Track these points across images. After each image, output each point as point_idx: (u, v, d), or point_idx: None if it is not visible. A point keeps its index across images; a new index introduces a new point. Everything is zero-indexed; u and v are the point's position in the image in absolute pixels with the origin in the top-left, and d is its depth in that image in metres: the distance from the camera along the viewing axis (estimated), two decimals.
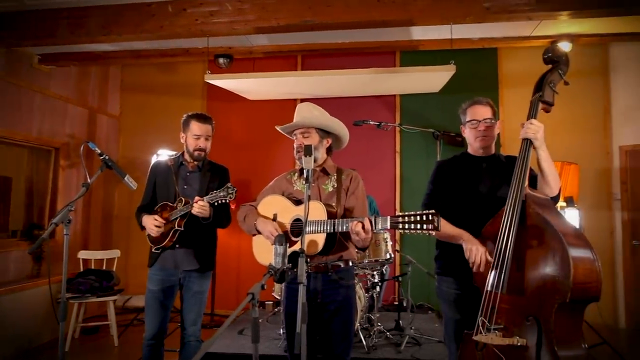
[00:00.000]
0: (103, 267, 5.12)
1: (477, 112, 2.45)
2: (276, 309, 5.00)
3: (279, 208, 2.49)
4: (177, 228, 2.87)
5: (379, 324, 4.26)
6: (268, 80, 5.01)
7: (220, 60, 5.44)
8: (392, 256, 4.28)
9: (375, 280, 4.25)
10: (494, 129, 2.46)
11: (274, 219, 2.47)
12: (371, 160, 5.74)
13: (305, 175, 2.14)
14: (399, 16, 3.90)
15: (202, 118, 3.01)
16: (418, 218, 2.00)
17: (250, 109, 5.99)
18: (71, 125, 5.60)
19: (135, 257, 5.93)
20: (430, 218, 1.97)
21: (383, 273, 4.49)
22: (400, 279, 4.64)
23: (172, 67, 6.30)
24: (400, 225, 2.03)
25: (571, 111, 5.35)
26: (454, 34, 4.33)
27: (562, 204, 4.51)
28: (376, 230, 2.16)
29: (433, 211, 1.98)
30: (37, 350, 4.62)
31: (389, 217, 2.10)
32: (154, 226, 2.88)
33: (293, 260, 1.95)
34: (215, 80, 4.92)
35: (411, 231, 2.00)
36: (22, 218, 5.16)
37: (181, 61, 6.06)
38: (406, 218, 2.02)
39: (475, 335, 2.09)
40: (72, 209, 2.44)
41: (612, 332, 4.95)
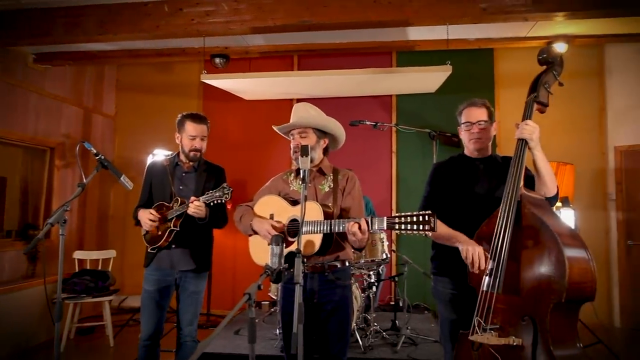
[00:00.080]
0: (98, 267, 5.10)
1: (471, 114, 2.45)
2: (272, 309, 5.00)
3: (275, 208, 2.49)
4: (173, 228, 2.86)
5: (375, 324, 4.26)
6: (264, 80, 5.01)
7: (217, 60, 5.43)
8: (388, 256, 4.28)
9: (371, 280, 4.26)
10: (490, 130, 2.45)
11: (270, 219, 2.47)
12: (367, 160, 5.75)
13: (301, 175, 2.14)
14: (395, 17, 3.91)
15: (197, 118, 3.00)
16: (414, 219, 2.00)
17: (247, 109, 5.98)
18: (66, 125, 5.58)
19: (131, 257, 5.91)
20: (427, 219, 1.97)
21: (379, 273, 4.49)
22: (397, 279, 4.64)
23: (168, 67, 6.28)
24: (397, 226, 2.03)
25: (567, 112, 5.38)
26: (450, 34, 4.35)
27: (558, 204, 4.51)
28: (372, 231, 2.16)
29: (429, 212, 1.98)
30: (33, 350, 4.60)
31: (385, 218, 2.10)
32: (148, 220, 2.87)
33: (290, 261, 1.95)
34: (212, 80, 4.92)
35: (407, 232, 2.01)
36: (16, 218, 5.14)
37: (177, 61, 6.05)
38: (402, 219, 2.03)
39: (471, 335, 2.10)
40: (67, 209, 2.43)
41: (607, 331, 4.97)
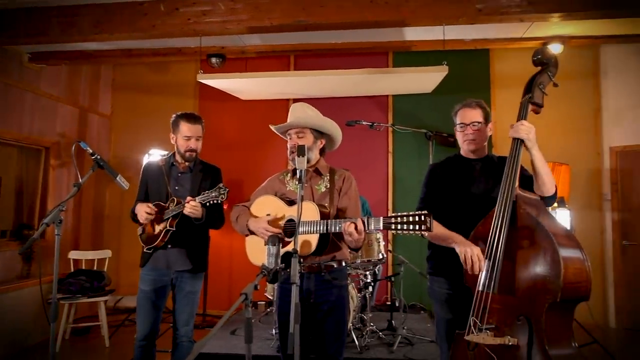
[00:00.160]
0: (94, 267, 5.08)
1: (465, 115, 2.45)
2: (269, 309, 5.00)
3: (271, 208, 2.48)
4: (169, 228, 2.85)
5: (372, 324, 4.26)
6: (261, 80, 5.00)
7: (213, 59, 5.43)
8: (384, 256, 4.29)
9: (367, 281, 4.26)
10: (485, 131, 2.45)
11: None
12: (364, 160, 5.75)
13: (298, 175, 2.14)
14: (391, 17, 3.91)
15: (192, 118, 2.98)
16: (410, 219, 2.00)
17: (243, 108, 5.98)
18: (62, 125, 5.55)
19: (126, 258, 5.89)
20: (423, 219, 1.98)
21: (376, 273, 4.50)
22: (393, 279, 4.66)
23: (164, 67, 6.27)
24: (393, 226, 2.04)
25: (563, 112, 5.40)
26: (447, 35, 4.36)
27: (554, 204, 4.54)
28: (369, 231, 2.16)
29: (425, 212, 1.98)
30: (28, 351, 4.58)
31: (381, 218, 2.10)
32: (145, 213, 2.86)
33: (286, 261, 1.95)
34: (208, 80, 4.91)
35: (404, 232, 2.01)
36: (11, 218, 5.11)
37: (173, 60, 6.04)
38: (399, 219, 2.03)
39: (467, 335, 2.10)
40: (63, 209, 2.42)
41: (602, 331, 5.00)
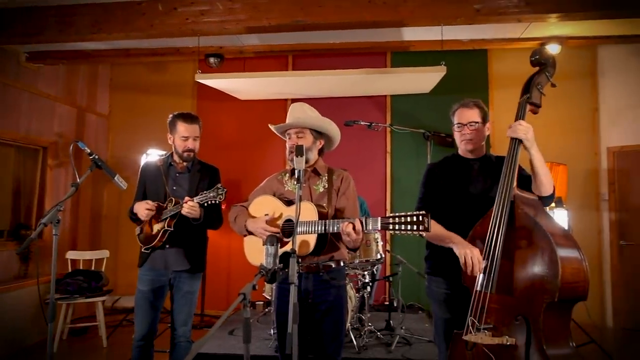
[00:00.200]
0: (92, 267, 5.07)
1: (462, 115, 2.45)
2: (267, 309, 5.00)
3: (270, 209, 2.48)
4: (166, 228, 2.85)
5: (370, 324, 4.27)
6: (259, 80, 5.00)
7: (211, 59, 5.42)
8: (382, 256, 4.29)
9: (366, 281, 4.26)
10: (482, 131, 2.45)
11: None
12: (362, 160, 5.76)
13: (296, 175, 2.14)
14: (389, 17, 3.92)
15: (189, 118, 2.96)
16: (408, 219, 2.00)
17: (241, 108, 5.97)
18: (59, 124, 5.54)
19: (124, 258, 5.88)
20: (421, 219, 1.98)
21: (374, 273, 4.50)
22: (391, 279, 4.66)
23: (162, 66, 6.26)
24: (391, 226, 2.04)
25: (560, 112, 5.41)
26: (445, 35, 4.36)
27: (552, 204, 4.55)
28: (367, 231, 2.17)
29: (423, 212, 1.98)
30: (25, 351, 4.57)
31: (379, 218, 2.10)
32: (145, 210, 2.85)
33: (284, 261, 1.95)
34: (206, 80, 4.91)
35: (401, 232, 2.01)
36: (8, 218, 5.10)
37: (171, 60, 6.04)
38: (396, 219, 2.03)
39: (465, 334, 2.11)
40: (61, 209, 2.42)
41: (599, 331, 5.01)
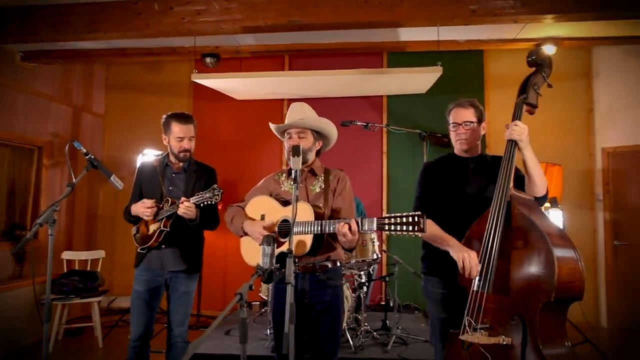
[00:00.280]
0: (87, 267, 5.05)
1: (458, 115, 2.46)
2: (263, 310, 4.99)
3: (266, 209, 2.48)
4: (162, 228, 2.84)
5: (366, 324, 4.27)
6: (255, 80, 5.00)
7: (207, 59, 5.41)
8: (379, 256, 4.29)
9: (362, 281, 4.27)
10: (477, 131, 2.46)
11: (261, 220, 2.47)
12: (358, 160, 5.76)
13: (293, 175, 2.14)
14: (386, 17, 3.92)
15: (183, 118, 2.94)
16: (404, 220, 2.01)
17: (237, 108, 5.97)
18: (55, 124, 5.51)
19: (120, 258, 5.86)
20: (416, 220, 1.98)
21: (370, 273, 4.50)
22: (387, 279, 4.66)
23: (159, 66, 6.24)
24: (386, 227, 2.04)
25: (555, 113, 5.43)
26: (441, 35, 4.37)
27: (546, 204, 4.56)
28: (362, 231, 2.17)
29: (419, 213, 1.98)
30: (21, 351, 4.55)
31: (375, 219, 2.10)
32: (145, 209, 2.83)
33: (281, 261, 1.95)
34: (202, 80, 4.90)
35: (397, 233, 2.01)
36: (3, 218, 5.07)
37: (167, 60, 6.02)
38: (392, 219, 2.03)
39: (461, 334, 2.11)
40: (57, 209, 2.41)
41: (594, 330, 5.04)
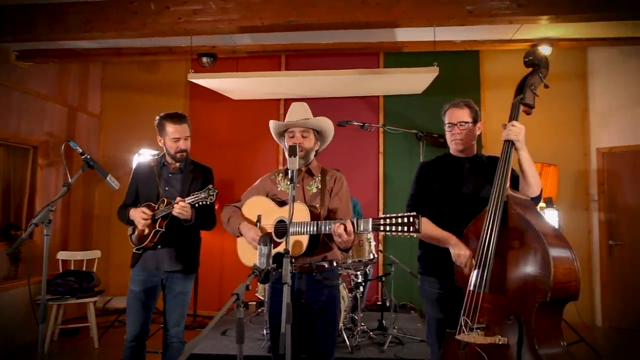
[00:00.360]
0: (83, 268, 5.03)
1: (453, 115, 2.47)
2: (259, 310, 4.99)
3: (263, 209, 2.48)
4: (158, 229, 2.83)
5: (362, 324, 4.28)
6: (252, 80, 4.99)
7: (204, 59, 5.40)
8: (375, 256, 4.30)
9: (358, 281, 4.27)
10: (473, 131, 2.47)
11: (258, 221, 2.47)
12: (354, 160, 5.76)
13: (290, 175, 2.14)
14: (382, 18, 3.93)
15: (177, 118, 2.92)
16: (399, 220, 2.01)
17: (234, 108, 5.96)
18: (50, 124, 5.48)
19: (116, 258, 5.84)
20: (412, 220, 1.98)
21: (366, 273, 4.51)
22: (384, 279, 4.67)
23: (155, 66, 6.22)
24: (382, 228, 2.05)
25: (550, 114, 5.45)
26: (437, 36, 4.39)
27: (542, 204, 4.59)
28: (358, 232, 2.17)
29: (414, 213, 1.99)
30: (16, 352, 4.52)
31: (370, 219, 2.11)
32: (142, 219, 2.83)
33: (277, 261, 1.95)
34: (199, 80, 4.89)
35: (392, 233, 2.02)
36: None
37: (164, 59, 6.00)
38: (387, 220, 2.03)
39: (457, 334, 2.12)
40: (52, 209, 2.40)
41: (589, 330, 5.06)
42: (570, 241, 2.02)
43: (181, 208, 2.71)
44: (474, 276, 2.12)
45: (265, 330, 4.19)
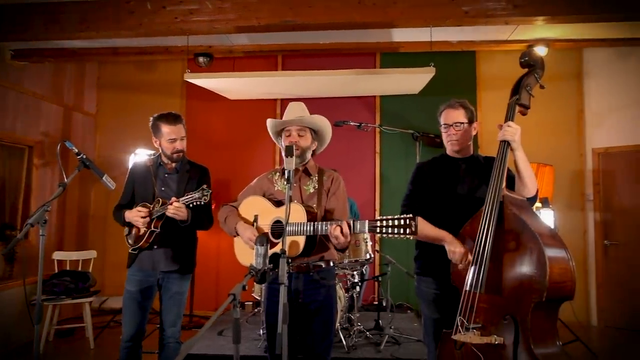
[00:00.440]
0: (79, 268, 5.01)
1: (448, 116, 2.48)
2: (256, 310, 4.99)
3: (259, 209, 2.48)
4: (153, 229, 2.82)
5: (359, 323, 4.28)
6: (248, 80, 4.99)
7: (200, 59, 5.39)
8: (371, 256, 4.30)
9: (355, 280, 4.27)
10: (468, 131, 2.47)
11: (254, 221, 2.47)
12: (351, 160, 5.77)
13: (286, 175, 2.13)
14: (379, 18, 3.94)
15: (172, 119, 2.90)
16: (396, 222, 2.01)
17: (230, 108, 5.95)
18: (46, 123, 5.46)
19: (112, 258, 5.82)
20: (408, 222, 1.98)
21: (363, 273, 4.51)
22: (380, 279, 4.67)
23: (151, 65, 6.21)
24: (378, 229, 2.04)
25: (546, 114, 5.47)
26: (434, 36, 4.40)
27: (538, 204, 4.60)
28: (354, 233, 2.17)
29: (410, 215, 1.99)
30: (11, 353, 4.50)
31: (367, 221, 2.11)
32: (140, 217, 2.81)
33: (274, 262, 1.95)
34: (195, 80, 4.88)
35: (389, 235, 2.02)
36: None
37: (160, 59, 5.99)
38: (384, 222, 2.03)
39: (454, 334, 2.13)
40: (48, 210, 2.39)
41: (584, 329, 5.08)
42: (566, 241, 2.03)
43: (176, 209, 2.70)
44: (470, 276, 2.13)
45: (261, 330, 4.19)
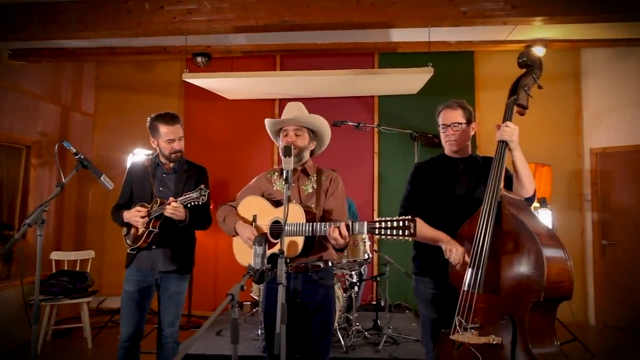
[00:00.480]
0: (77, 268, 5.00)
1: (446, 116, 2.48)
2: (254, 310, 4.98)
3: (258, 209, 2.48)
4: (151, 229, 2.82)
5: (357, 323, 4.28)
6: (246, 79, 4.99)
7: (199, 59, 5.39)
8: (370, 256, 4.30)
9: (353, 280, 4.27)
10: (467, 132, 2.47)
11: (253, 221, 2.47)
12: (349, 160, 5.77)
13: (284, 176, 2.13)
14: (377, 18, 3.93)
15: (170, 119, 2.89)
16: (395, 224, 2.01)
17: (229, 108, 5.95)
18: (43, 123, 5.45)
19: (110, 258, 5.81)
20: (407, 224, 1.98)
21: (361, 273, 4.51)
22: (378, 279, 4.68)
23: (149, 65, 6.20)
24: (377, 231, 2.05)
25: (544, 114, 5.47)
26: (432, 37, 4.40)
27: (536, 204, 4.61)
28: (353, 234, 2.17)
29: (409, 217, 1.99)
30: (9, 353, 4.49)
31: (365, 223, 2.11)
32: (139, 217, 2.80)
33: (273, 262, 1.95)
34: (193, 79, 4.88)
35: (388, 237, 2.02)
36: None
37: (158, 59, 5.98)
38: (383, 224, 2.03)
39: (452, 334, 2.13)
40: (46, 210, 2.39)
41: (582, 329, 5.10)
42: (564, 241, 2.04)
43: (174, 209, 2.70)
44: (468, 276, 2.13)
45: (260, 330, 4.19)
